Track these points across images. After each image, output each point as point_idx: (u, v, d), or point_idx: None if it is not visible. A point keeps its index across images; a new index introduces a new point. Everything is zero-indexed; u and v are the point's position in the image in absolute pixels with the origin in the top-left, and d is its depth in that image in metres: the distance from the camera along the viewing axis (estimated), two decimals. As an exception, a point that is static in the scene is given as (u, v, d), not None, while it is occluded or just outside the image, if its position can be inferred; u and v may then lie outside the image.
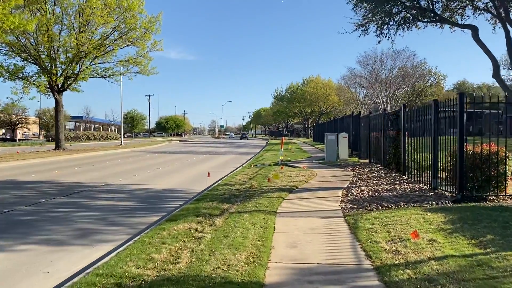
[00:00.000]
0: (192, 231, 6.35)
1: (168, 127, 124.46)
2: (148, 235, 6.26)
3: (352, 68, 45.38)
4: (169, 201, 10.27)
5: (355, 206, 8.26)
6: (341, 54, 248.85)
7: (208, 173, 10.92)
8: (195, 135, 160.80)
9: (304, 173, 14.43)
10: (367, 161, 18.73)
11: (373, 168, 15.28)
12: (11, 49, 25.86)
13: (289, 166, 17.70)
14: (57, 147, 28.20)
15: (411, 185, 10.89)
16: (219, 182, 12.81)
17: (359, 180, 12.23)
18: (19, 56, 26.44)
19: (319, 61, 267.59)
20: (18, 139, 66.32)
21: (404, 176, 12.51)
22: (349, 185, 11.26)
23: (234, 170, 16.88)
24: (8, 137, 72.04)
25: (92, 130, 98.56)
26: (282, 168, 15.97)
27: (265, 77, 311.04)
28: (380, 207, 8.02)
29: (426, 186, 10.43)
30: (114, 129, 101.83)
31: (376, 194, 9.62)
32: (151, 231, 6.48)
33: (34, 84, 25.74)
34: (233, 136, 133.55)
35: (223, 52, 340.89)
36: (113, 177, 14.85)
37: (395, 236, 5.88)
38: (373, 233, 6.09)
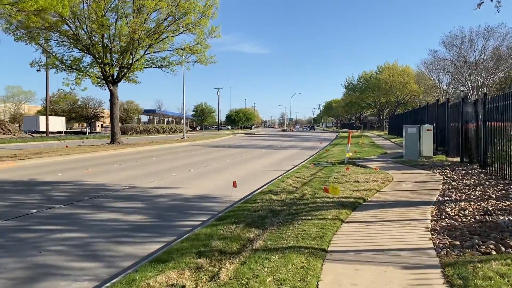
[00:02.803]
0: (172, 294, 3.72)
1: (238, 120, 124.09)
2: (101, 296, 3.73)
3: (435, 51, 39.74)
4: (190, 215, 7.76)
5: (458, 243, 5.10)
6: (422, 36, 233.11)
7: (234, 183, 8.26)
8: (265, 128, 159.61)
9: (376, 176, 11.24)
10: (457, 159, 14.97)
11: (469, 171, 11.66)
12: (69, 40, 25.15)
13: (358, 165, 14.51)
14: (112, 140, 27.26)
15: (536, 200, 7.37)
16: (264, 187, 10.10)
17: (453, 190, 8.83)
18: (76, 47, 25.71)
19: (396, 47, 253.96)
20: (92, 132, 68.77)
21: (520, 185, 8.91)
22: (441, 198, 7.98)
23: (288, 170, 14.08)
24: (89, 130, 75.22)
25: (165, 123, 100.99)
26: (347, 169, 12.86)
27: (336, 67, 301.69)
28: (502, 248, 4.80)
29: None
30: (186, 122, 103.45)
31: (487, 217, 6.32)
32: (111, 288, 3.95)
33: (87, 74, 24.81)
34: (299, 128, 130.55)
35: (296, 44, 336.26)
36: (146, 177, 12.77)
37: None
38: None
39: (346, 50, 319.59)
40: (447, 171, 12.00)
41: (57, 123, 58.44)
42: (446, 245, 5.09)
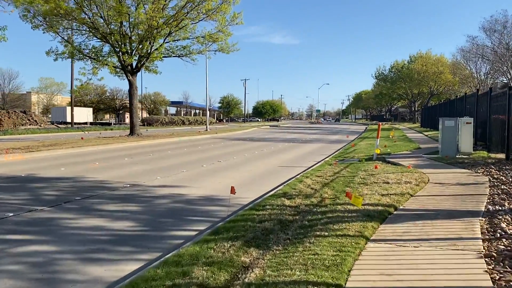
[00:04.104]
0: None
1: (265, 112, 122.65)
2: None
3: (474, 37, 36.89)
4: (187, 223, 6.62)
5: (527, 280, 3.71)
6: (458, 23, 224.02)
7: (232, 188, 6.99)
8: (292, 120, 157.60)
9: (409, 176, 9.78)
10: (502, 156, 13.27)
11: (520, 171, 10.02)
12: (88, 29, 24.45)
13: (388, 162, 13.04)
14: (131, 132, 26.52)
15: None
16: (279, 188, 8.85)
17: (505, 196, 7.32)
18: (95, 36, 24.99)
19: (430, 34, 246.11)
20: (119, 123, 69.04)
21: None
22: (491, 208, 6.50)
23: (310, 167, 12.76)
24: (115, 121, 75.61)
25: (192, 114, 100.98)
26: (376, 167, 11.41)
27: (367, 57, 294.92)
28: None
29: None
30: (212, 114, 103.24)
31: (559, 238, 4.86)
32: None
33: (105, 64, 24.04)
34: (324, 120, 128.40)
35: (326, 33, 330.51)
36: (153, 173, 11.74)
37: None
38: None
39: (378, 39, 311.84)
40: (493, 170, 10.40)
41: (84, 114, 58.78)
42: (510, 282, 3.71)
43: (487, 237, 5.08)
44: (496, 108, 14.78)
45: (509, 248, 4.61)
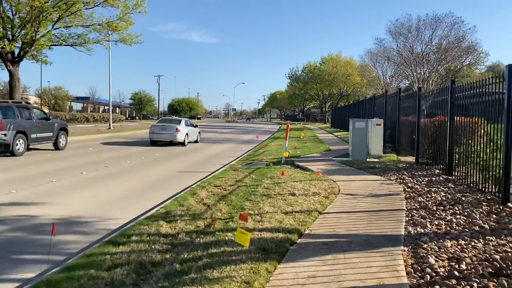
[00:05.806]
0: None
1: (180, 110, 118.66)
2: None
3: (381, 39, 37.82)
4: (14, 265, 4.59)
5: None
6: (369, 25, 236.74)
7: (53, 227, 5.04)
8: (209, 119, 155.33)
9: (318, 185, 8.55)
10: (411, 159, 12.82)
11: (433, 178, 9.28)
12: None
13: (297, 166, 11.85)
14: (12, 131, 22.75)
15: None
16: (164, 204, 7.05)
17: (424, 212, 6.28)
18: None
19: (342, 36, 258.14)
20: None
21: (509, 204, 6.53)
22: (411, 230, 5.36)
23: (213, 173, 11.12)
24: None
25: (100, 111, 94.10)
26: (283, 173, 10.06)
27: (283, 58, 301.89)
28: None
29: None
30: (120, 111, 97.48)
31: (504, 280, 3.71)
32: None
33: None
34: (238, 120, 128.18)
35: (243, 34, 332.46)
36: (7, 185, 9.25)
37: None
38: None
39: (293, 40, 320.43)
40: (405, 177, 9.58)
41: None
42: None
43: (415, 280, 3.80)
44: (405, 110, 14.40)
45: (445, 301, 3.33)
